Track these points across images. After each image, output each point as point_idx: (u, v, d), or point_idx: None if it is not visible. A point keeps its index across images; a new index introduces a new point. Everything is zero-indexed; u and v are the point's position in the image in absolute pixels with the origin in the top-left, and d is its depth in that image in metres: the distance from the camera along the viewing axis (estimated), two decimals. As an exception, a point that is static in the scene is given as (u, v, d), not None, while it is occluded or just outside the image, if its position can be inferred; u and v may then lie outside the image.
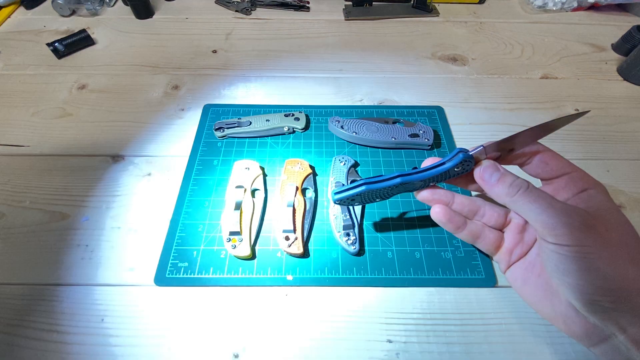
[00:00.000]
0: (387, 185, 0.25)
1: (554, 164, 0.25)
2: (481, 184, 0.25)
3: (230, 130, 0.39)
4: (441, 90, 0.47)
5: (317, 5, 0.61)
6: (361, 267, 0.31)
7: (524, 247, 0.27)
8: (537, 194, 0.22)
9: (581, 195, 0.24)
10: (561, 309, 0.23)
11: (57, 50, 0.49)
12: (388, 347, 0.27)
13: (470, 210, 0.28)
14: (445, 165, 0.25)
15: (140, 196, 0.36)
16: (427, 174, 0.25)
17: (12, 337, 0.28)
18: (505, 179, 0.24)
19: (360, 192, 0.25)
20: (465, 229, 0.27)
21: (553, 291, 0.24)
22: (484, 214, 0.28)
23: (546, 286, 0.24)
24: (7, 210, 0.35)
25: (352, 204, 0.28)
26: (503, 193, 0.24)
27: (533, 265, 0.26)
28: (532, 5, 0.61)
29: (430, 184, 0.27)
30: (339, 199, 0.26)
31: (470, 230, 0.27)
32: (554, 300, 0.24)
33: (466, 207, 0.28)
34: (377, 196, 0.27)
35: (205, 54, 0.52)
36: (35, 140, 0.40)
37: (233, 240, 0.31)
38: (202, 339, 0.28)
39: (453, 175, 0.26)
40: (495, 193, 0.24)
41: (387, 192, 0.27)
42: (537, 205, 0.22)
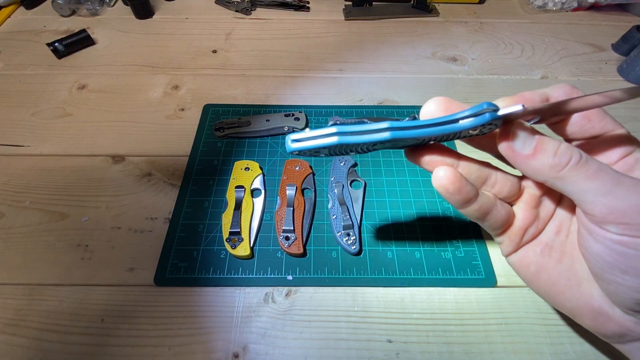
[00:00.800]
0: (369, 140, 0.18)
1: (597, 120, 0.19)
2: (509, 156, 0.18)
3: (230, 130, 0.39)
4: (441, 90, 0.47)
5: (317, 5, 0.61)
6: (361, 267, 0.31)
7: (539, 225, 0.21)
8: (596, 167, 0.16)
9: (627, 161, 0.19)
10: (591, 304, 0.19)
11: (57, 50, 0.49)
12: (388, 347, 0.27)
13: (478, 178, 0.20)
14: (460, 125, 0.17)
15: (140, 196, 0.36)
16: (429, 131, 0.18)
17: (12, 337, 0.28)
18: (545, 146, 0.17)
19: (330, 145, 0.18)
20: (476, 202, 0.20)
21: (579, 281, 0.20)
22: (494, 182, 0.21)
23: (569, 274, 0.20)
24: (7, 210, 0.35)
25: (316, 155, 0.21)
26: (544, 168, 0.17)
27: (551, 249, 0.21)
28: (532, 5, 0.61)
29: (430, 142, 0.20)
30: (297, 150, 0.18)
31: (481, 204, 0.20)
32: (580, 293, 0.20)
33: (474, 173, 0.20)
34: (353, 150, 0.20)
35: (205, 54, 0.52)
36: (35, 140, 0.40)
37: (233, 240, 0.31)
38: (202, 339, 0.28)
39: (465, 136, 0.19)
40: (532, 168, 0.18)
41: (368, 147, 0.20)
42: (600, 184, 0.16)
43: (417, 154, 0.20)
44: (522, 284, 0.30)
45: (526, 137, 0.17)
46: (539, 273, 0.21)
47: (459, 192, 0.19)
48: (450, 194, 0.19)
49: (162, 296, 0.30)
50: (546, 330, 0.28)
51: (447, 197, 0.20)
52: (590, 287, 0.19)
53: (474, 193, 0.20)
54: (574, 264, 0.20)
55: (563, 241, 0.21)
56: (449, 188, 0.19)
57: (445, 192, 0.19)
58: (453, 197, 0.19)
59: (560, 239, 0.21)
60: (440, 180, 0.19)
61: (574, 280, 0.20)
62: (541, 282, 0.21)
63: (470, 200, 0.20)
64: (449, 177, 0.19)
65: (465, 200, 0.20)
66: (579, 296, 0.20)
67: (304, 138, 0.18)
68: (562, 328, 0.28)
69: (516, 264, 0.22)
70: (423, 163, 0.20)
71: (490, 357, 0.27)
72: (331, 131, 0.18)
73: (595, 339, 0.28)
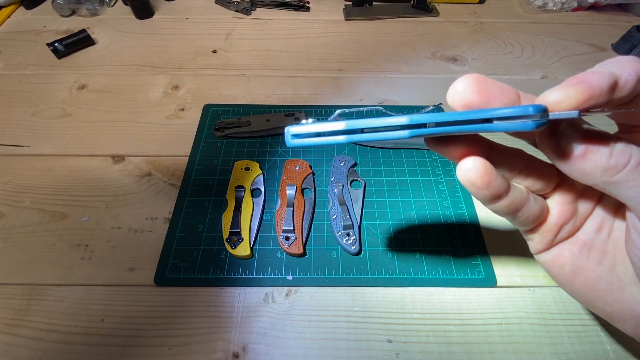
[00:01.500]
0: (383, 139, 0.16)
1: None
2: (552, 155, 0.15)
3: (230, 130, 0.39)
4: (441, 90, 0.47)
5: (317, 5, 0.61)
6: (361, 267, 0.31)
7: (577, 222, 0.19)
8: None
9: None
10: (634, 310, 0.18)
11: (57, 50, 0.49)
12: (388, 347, 0.27)
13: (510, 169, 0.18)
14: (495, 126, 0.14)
15: (140, 196, 0.36)
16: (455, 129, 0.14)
17: (12, 337, 0.28)
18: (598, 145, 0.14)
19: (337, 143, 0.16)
20: (507, 197, 0.17)
21: (622, 285, 0.18)
22: (529, 173, 0.18)
23: (610, 277, 0.18)
24: (7, 210, 0.35)
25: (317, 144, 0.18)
26: (596, 171, 0.14)
27: (590, 248, 0.19)
28: (532, 5, 0.61)
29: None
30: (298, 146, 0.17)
31: (512, 199, 0.17)
32: (623, 297, 0.18)
33: (507, 162, 0.18)
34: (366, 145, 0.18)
35: (205, 54, 0.52)
36: (35, 140, 0.40)
37: (233, 240, 0.31)
38: (202, 339, 0.28)
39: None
40: (580, 171, 0.15)
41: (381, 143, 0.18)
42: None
43: (441, 143, 0.17)
44: (522, 284, 0.30)
45: (576, 137, 0.14)
46: (576, 275, 0.19)
47: (487, 187, 0.16)
48: (478, 188, 0.16)
49: (162, 296, 0.30)
50: (546, 330, 0.28)
51: (474, 192, 0.17)
52: (635, 291, 0.17)
53: (505, 187, 0.17)
54: (616, 266, 0.18)
55: (604, 240, 0.19)
56: (476, 182, 0.16)
57: (472, 186, 0.16)
58: (481, 192, 0.17)
59: (601, 238, 0.19)
60: (468, 173, 0.16)
61: (616, 283, 0.18)
62: (577, 284, 0.19)
63: (500, 195, 0.17)
64: (477, 170, 0.16)
65: (495, 195, 0.17)
66: (621, 301, 0.18)
67: (307, 133, 0.16)
68: (562, 328, 0.28)
69: (548, 264, 0.20)
70: (447, 153, 0.17)
71: (490, 357, 0.27)
72: (339, 127, 0.16)
73: (595, 339, 0.28)
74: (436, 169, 0.38)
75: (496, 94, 0.15)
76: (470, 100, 0.15)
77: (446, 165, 0.38)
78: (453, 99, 0.15)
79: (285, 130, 0.17)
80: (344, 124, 0.15)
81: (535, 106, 0.13)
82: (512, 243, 0.33)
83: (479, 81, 0.15)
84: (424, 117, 0.15)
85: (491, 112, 0.14)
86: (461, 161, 0.16)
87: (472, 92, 0.15)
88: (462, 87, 0.15)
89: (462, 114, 0.14)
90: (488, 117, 0.14)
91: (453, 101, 0.15)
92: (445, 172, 0.37)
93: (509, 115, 0.13)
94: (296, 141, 0.16)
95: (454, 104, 0.15)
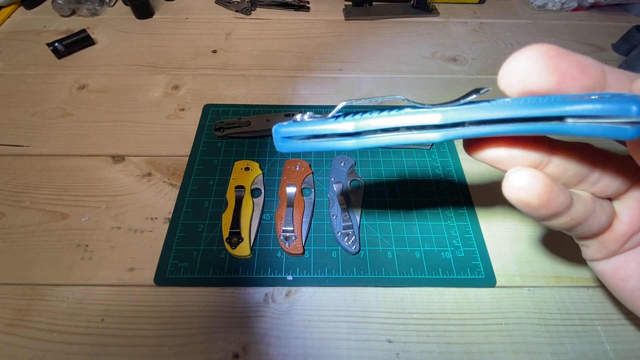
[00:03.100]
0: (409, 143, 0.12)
1: None
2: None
3: (230, 130, 0.39)
4: (441, 90, 0.47)
5: (317, 5, 0.61)
6: (361, 267, 0.31)
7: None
8: None
9: None
10: None
11: (57, 50, 0.49)
12: (388, 347, 0.27)
13: (575, 176, 0.13)
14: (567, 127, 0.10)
15: (140, 196, 0.36)
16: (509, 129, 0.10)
17: (12, 337, 0.28)
18: None
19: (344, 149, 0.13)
20: (568, 213, 0.13)
21: None
22: (598, 179, 0.14)
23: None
24: (7, 210, 0.35)
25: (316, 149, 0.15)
26: None
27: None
28: (532, 5, 0.61)
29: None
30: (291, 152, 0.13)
31: (573, 216, 0.13)
32: None
33: (570, 170, 0.13)
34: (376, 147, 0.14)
35: (205, 54, 0.52)
36: (35, 140, 0.40)
37: (233, 240, 0.31)
38: (202, 339, 0.28)
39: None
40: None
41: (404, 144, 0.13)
42: None
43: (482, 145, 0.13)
44: (522, 284, 0.30)
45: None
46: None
47: (546, 207, 0.12)
48: (533, 209, 0.13)
49: (162, 296, 0.30)
50: (546, 330, 0.28)
51: (527, 212, 0.13)
52: None
53: (567, 204, 0.13)
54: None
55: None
56: (532, 203, 0.12)
57: (526, 207, 0.12)
58: (536, 212, 0.13)
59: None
60: (520, 193, 0.12)
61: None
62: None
63: (560, 213, 0.13)
64: (535, 189, 0.12)
65: (553, 215, 0.13)
66: None
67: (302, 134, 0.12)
68: (562, 328, 0.28)
69: (606, 274, 0.17)
70: (490, 160, 0.13)
71: (490, 357, 0.27)
72: (346, 127, 0.11)
73: (595, 339, 0.28)
74: (436, 169, 0.38)
75: (574, 73, 0.11)
76: (534, 84, 0.11)
77: (446, 165, 0.38)
78: (509, 81, 0.11)
79: (273, 131, 0.13)
80: (352, 124, 0.11)
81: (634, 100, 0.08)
82: (513, 243, 0.33)
83: (550, 55, 0.11)
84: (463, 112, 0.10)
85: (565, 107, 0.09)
86: (510, 174, 0.12)
87: (539, 70, 0.11)
88: (524, 65, 0.11)
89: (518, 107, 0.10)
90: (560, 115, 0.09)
91: (508, 85, 0.11)
92: (446, 172, 0.37)
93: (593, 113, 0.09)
94: (288, 145, 0.12)
95: (509, 88, 0.11)
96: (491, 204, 0.35)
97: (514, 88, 0.11)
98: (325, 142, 0.12)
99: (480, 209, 0.35)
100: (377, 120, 0.11)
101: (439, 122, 0.10)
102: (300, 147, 0.12)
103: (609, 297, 0.30)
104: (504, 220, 0.34)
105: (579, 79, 0.10)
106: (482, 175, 0.37)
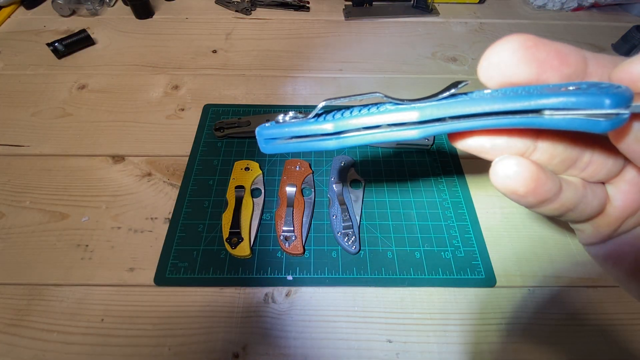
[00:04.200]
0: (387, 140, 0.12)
1: None
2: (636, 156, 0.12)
3: (230, 130, 0.39)
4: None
5: (317, 5, 0.61)
6: (361, 267, 0.31)
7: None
8: None
9: None
10: None
11: (57, 50, 0.49)
12: (388, 347, 0.27)
13: (563, 161, 0.13)
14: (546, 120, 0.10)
15: (140, 196, 0.36)
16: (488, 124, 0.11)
17: (12, 337, 0.28)
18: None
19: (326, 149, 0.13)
20: (557, 199, 0.13)
21: None
22: (587, 163, 0.14)
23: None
24: (7, 210, 0.35)
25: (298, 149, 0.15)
26: None
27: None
28: (532, 5, 0.61)
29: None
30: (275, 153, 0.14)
31: (563, 202, 0.13)
32: None
33: (558, 156, 0.13)
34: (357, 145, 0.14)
35: (205, 54, 0.52)
36: (35, 140, 0.40)
37: (233, 240, 0.31)
38: (202, 339, 0.28)
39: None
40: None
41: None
42: None
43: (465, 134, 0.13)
44: (522, 284, 0.30)
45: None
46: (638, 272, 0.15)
47: (533, 194, 0.12)
48: (520, 197, 0.13)
49: (162, 296, 0.30)
50: (546, 330, 0.28)
51: (514, 199, 0.13)
52: None
53: (555, 190, 0.13)
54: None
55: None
56: (519, 191, 0.12)
57: (513, 194, 0.13)
58: (523, 199, 0.13)
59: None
60: (507, 182, 0.12)
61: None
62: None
63: (549, 199, 0.13)
64: (522, 177, 0.12)
65: (542, 202, 0.13)
66: None
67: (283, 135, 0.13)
68: (562, 328, 0.28)
69: (601, 257, 0.16)
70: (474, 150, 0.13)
71: (490, 357, 0.27)
72: (326, 128, 0.12)
73: (595, 339, 0.28)
74: (436, 169, 0.38)
75: (553, 62, 0.11)
76: (514, 75, 0.11)
77: (446, 165, 0.38)
78: (488, 74, 0.11)
79: (256, 133, 0.13)
80: (331, 125, 0.12)
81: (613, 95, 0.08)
82: (512, 243, 0.33)
83: (527, 45, 0.11)
84: (441, 108, 0.11)
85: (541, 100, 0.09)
86: (497, 162, 0.12)
87: (517, 62, 0.11)
88: (502, 57, 0.11)
89: (493, 102, 0.10)
90: (535, 108, 0.10)
91: (488, 78, 0.11)
92: (446, 171, 0.37)
93: (567, 106, 0.09)
94: (272, 145, 0.13)
95: (489, 81, 0.11)
96: (491, 204, 0.35)
97: (494, 80, 0.11)
98: (307, 142, 0.13)
99: (481, 209, 0.35)
100: (356, 120, 0.12)
101: (416, 119, 0.11)
102: (283, 148, 0.13)
103: (609, 297, 0.30)
104: (504, 220, 0.34)
105: (559, 67, 0.11)
106: (482, 175, 0.37)
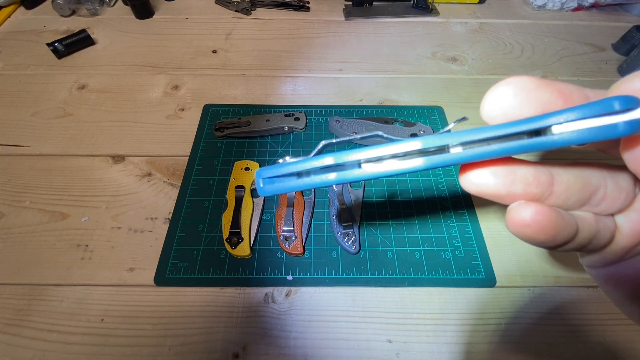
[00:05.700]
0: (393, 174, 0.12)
1: None
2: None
3: (230, 130, 0.39)
4: (441, 90, 0.47)
5: (317, 5, 0.61)
6: (361, 267, 0.31)
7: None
8: None
9: None
10: None
11: (57, 50, 0.49)
12: (388, 347, 0.27)
13: (578, 201, 0.13)
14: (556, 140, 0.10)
15: (140, 196, 0.36)
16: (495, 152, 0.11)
17: (12, 337, 0.28)
18: None
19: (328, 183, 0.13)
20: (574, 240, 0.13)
21: None
22: (601, 199, 0.13)
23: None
24: (7, 210, 0.35)
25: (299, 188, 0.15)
26: None
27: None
28: (532, 5, 0.61)
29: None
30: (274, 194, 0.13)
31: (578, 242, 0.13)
32: None
33: (574, 195, 0.12)
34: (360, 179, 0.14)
35: (205, 54, 0.52)
36: (35, 140, 0.40)
37: (233, 240, 0.31)
38: (202, 339, 0.28)
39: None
40: None
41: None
42: None
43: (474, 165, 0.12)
44: (522, 284, 0.30)
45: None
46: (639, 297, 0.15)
47: (553, 240, 0.12)
48: (540, 243, 0.12)
49: (162, 296, 0.30)
50: (546, 330, 0.28)
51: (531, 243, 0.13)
52: None
53: (573, 233, 0.12)
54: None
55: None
56: (538, 239, 0.12)
57: (530, 241, 0.12)
58: (541, 245, 0.13)
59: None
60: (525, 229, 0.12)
61: None
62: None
63: (569, 241, 0.13)
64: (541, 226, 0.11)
65: (559, 245, 0.13)
66: None
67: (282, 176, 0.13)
68: (561, 328, 0.28)
69: (602, 279, 0.16)
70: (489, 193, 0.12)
71: (490, 357, 0.27)
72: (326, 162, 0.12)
73: (595, 339, 0.28)
74: (436, 169, 0.38)
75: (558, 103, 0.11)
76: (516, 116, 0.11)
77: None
78: (491, 115, 0.11)
79: (255, 175, 0.13)
80: (331, 158, 0.12)
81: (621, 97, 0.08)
82: (512, 243, 0.33)
83: (530, 88, 0.11)
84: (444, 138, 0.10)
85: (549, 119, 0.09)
86: (513, 209, 0.12)
87: (519, 104, 0.11)
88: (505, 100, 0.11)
89: (497, 128, 0.10)
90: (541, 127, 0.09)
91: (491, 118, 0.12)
92: (446, 172, 0.37)
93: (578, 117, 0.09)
94: (271, 187, 0.13)
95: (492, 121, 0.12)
96: (491, 204, 0.35)
97: (497, 120, 0.11)
98: (308, 178, 0.12)
99: (480, 209, 0.35)
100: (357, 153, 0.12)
101: (420, 147, 0.11)
102: (282, 189, 0.13)
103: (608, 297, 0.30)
104: (504, 220, 0.34)
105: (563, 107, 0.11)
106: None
